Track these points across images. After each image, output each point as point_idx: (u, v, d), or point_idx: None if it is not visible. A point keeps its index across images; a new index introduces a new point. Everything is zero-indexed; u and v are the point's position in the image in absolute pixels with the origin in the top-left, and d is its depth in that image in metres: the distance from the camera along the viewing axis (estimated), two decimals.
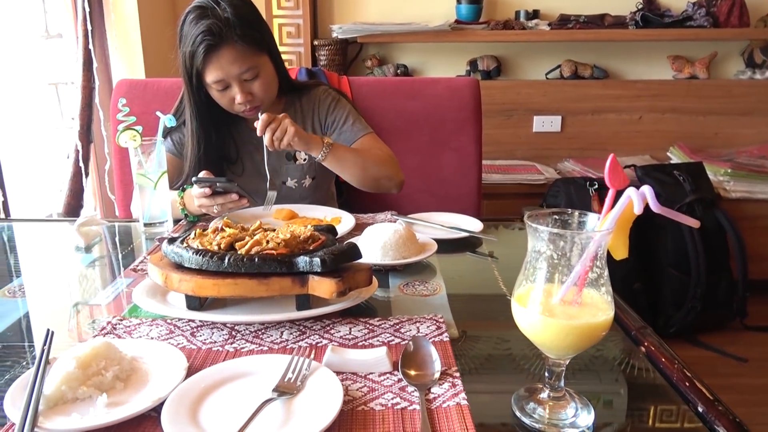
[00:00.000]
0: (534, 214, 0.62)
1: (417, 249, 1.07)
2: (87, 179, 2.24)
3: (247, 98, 1.35)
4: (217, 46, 1.29)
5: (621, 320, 0.86)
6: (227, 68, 1.31)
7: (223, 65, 1.30)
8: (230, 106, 1.38)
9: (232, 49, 1.29)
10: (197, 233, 0.89)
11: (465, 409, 0.64)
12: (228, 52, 1.29)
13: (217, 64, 1.30)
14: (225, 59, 1.30)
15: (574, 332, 0.59)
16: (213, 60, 1.30)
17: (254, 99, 1.37)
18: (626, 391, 0.72)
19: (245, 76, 1.33)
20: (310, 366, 0.70)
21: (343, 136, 1.48)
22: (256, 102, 1.38)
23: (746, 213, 2.54)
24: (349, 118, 1.50)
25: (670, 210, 0.56)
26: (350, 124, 1.50)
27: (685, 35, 2.73)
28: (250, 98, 1.36)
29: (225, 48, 1.29)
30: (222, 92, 1.36)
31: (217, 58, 1.30)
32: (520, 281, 0.63)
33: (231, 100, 1.36)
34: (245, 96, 1.35)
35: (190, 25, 1.30)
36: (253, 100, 1.37)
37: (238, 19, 1.29)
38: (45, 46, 2.26)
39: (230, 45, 1.29)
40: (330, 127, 1.51)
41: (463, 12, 2.77)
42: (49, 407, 0.63)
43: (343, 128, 1.49)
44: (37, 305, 0.95)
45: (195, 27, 1.29)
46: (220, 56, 1.30)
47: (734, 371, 2.21)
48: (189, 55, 1.31)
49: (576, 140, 2.95)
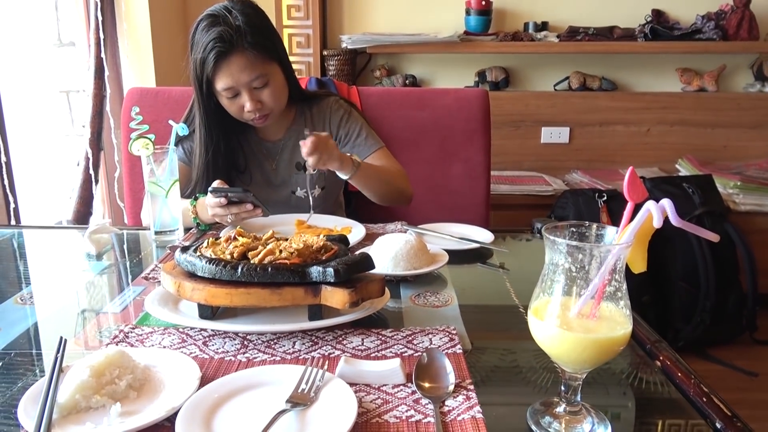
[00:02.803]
0: (551, 226, 0.62)
1: (428, 260, 1.07)
2: (96, 187, 2.25)
3: (256, 106, 1.35)
4: (227, 53, 1.29)
5: (636, 333, 0.85)
6: (237, 75, 1.31)
7: (233, 72, 1.31)
8: (239, 114, 1.39)
9: (242, 56, 1.30)
10: (210, 242, 0.89)
11: (480, 423, 0.63)
12: (238, 59, 1.30)
13: (227, 71, 1.31)
14: (235, 66, 1.31)
15: (591, 346, 0.58)
16: (223, 67, 1.31)
17: (264, 107, 1.37)
18: (641, 406, 0.71)
19: (255, 84, 1.34)
20: (324, 377, 0.70)
21: (355, 150, 1.49)
22: (265, 110, 1.38)
23: (756, 226, 2.53)
24: (362, 132, 1.51)
25: (691, 224, 0.56)
26: (363, 138, 1.50)
27: (694, 48, 2.73)
28: (260, 106, 1.36)
29: (235, 55, 1.30)
30: (231, 100, 1.36)
31: (228, 65, 1.30)
32: (536, 294, 0.63)
33: (240, 108, 1.37)
34: (254, 104, 1.35)
35: (201, 32, 1.31)
36: (262, 108, 1.37)
37: (249, 27, 1.30)
38: (57, 53, 2.28)
39: (240, 52, 1.30)
40: (342, 140, 1.51)
41: (471, 23, 2.78)
42: (62, 416, 0.63)
43: (356, 142, 1.50)
44: (48, 313, 0.95)
45: (206, 34, 1.30)
46: (230, 63, 1.30)
47: (744, 386, 2.19)
48: (200, 61, 1.32)
49: (584, 152, 2.94)
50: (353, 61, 2.85)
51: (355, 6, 2.89)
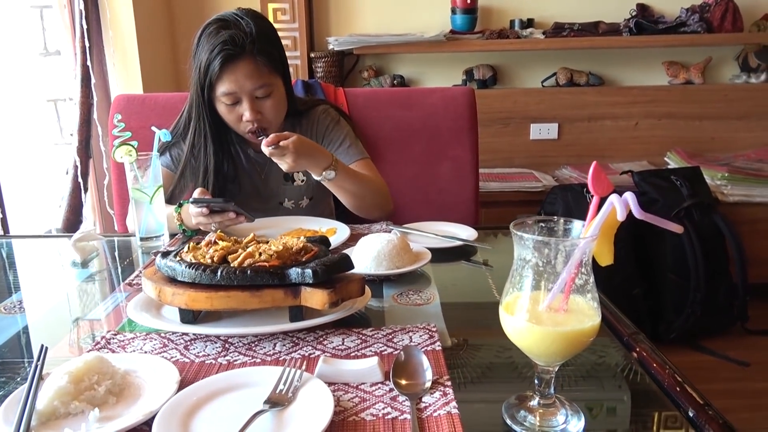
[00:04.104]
0: (520, 222, 0.63)
1: (411, 258, 1.07)
2: (86, 194, 2.25)
3: (255, 116, 1.33)
4: (236, 57, 1.28)
5: (614, 326, 0.87)
6: (242, 81, 1.30)
7: (239, 77, 1.30)
8: (236, 123, 1.37)
9: (250, 62, 1.29)
10: (191, 247, 0.90)
11: (455, 418, 0.64)
12: (246, 65, 1.29)
13: (232, 76, 1.30)
14: (241, 72, 1.29)
15: (560, 339, 0.59)
16: (229, 71, 1.29)
17: (262, 119, 1.35)
18: (618, 397, 0.72)
19: (258, 93, 1.33)
20: (302, 377, 0.70)
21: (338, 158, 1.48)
22: (263, 122, 1.36)
23: (744, 217, 2.54)
24: (346, 140, 1.49)
25: (654, 216, 0.57)
26: (346, 147, 1.48)
27: (680, 41, 2.75)
28: (259, 117, 1.34)
29: (243, 60, 1.29)
30: (230, 107, 1.34)
31: (234, 69, 1.29)
32: (507, 289, 0.64)
33: (238, 117, 1.35)
34: (254, 114, 1.33)
35: (209, 35, 1.30)
36: (261, 120, 1.35)
37: (260, 35, 1.30)
38: (44, 63, 2.28)
39: (249, 58, 1.29)
40: (326, 148, 1.49)
41: (458, 22, 2.79)
42: (41, 422, 0.63)
43: (338, 150, 1.47)
44: (31, 321, 0.95)
45: (215, 37, 1.29)
46: (236, 68, 1.29)
47: (736, 375, 2.20)
48: (205, 64, 1.30)
49: (573, 147, 2.95)
50: (341, 63, 2.85)
51: (342, 8, 2.90)
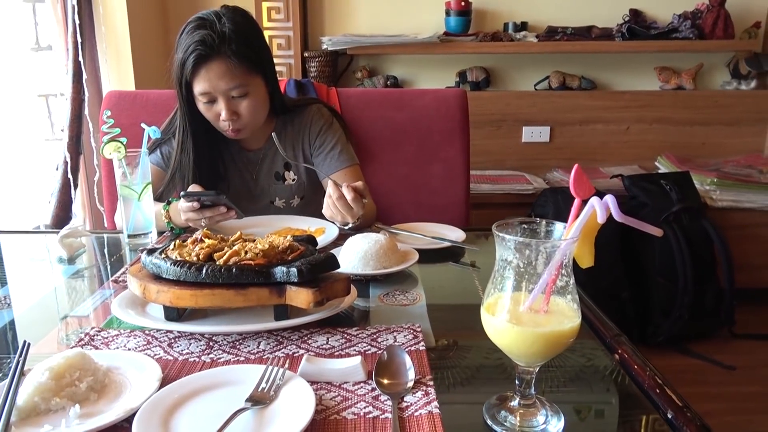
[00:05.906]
0: (503, 223, 0.63)
1: (398, 259, 1.08)
2: (76, 191, 2.24)
3: (231, 116, 1.34)
4: (207, 57, 1.28)
5: (596, 328, 0.87)
6: (215, 82, 1.30)
7: (211, 78, 1.30)
8: (215, 121, 1.37)
9: (222, 63, 1.29)
10: (176, 244, 0.90)
11: (436, 418, 0.64)
12: (218, 65, 1.29)
13: (205, 76, 1.30)
14: (213, 72, 1.30)
15: (540, 340, 0.59)
16: (202, 71, 1.30)
17: (239, 119, 1.35)
18: (601, 399, 0.73)
19: (233, 93, 1.32)
20: (285, 376, 0.70)
21: (327, 161, 1.47)
22: (240, 123, 1.36)
23: (733, 222, 2.56)
24: (338, 145, 1.48)
25: (634, 219, 0.57)
26: (337, 152, 1.48)
27: (671, 47, 2.77)
28: (235, 117, 1.35)
29: (215, 61, 1.29)
30: (208, 105, 1.35)
31: (206, 69, 1.30)
32: (489, 290, 0.64)
33: (216, 115, 1.35)
34: (230, 114, 1.33)
35: (187, 33, 1.30)
36: (237, 120, 1.35)
37: (236, 35, 1.29)
38: (35, 58, 2.27)
39: (221, 59, 1.29)
40: (317, 150, 1.49)
41: (452, 24, 2.80)
42: (21, 419, 0.63)
43: (329, 154, 1.47)
44: (19, 316, 0.95)
45: (191, 36, 1.29)
46: (209, 68, 1.29)
47: (723, 379, 2.22)
48: (180, 62, 1.31)
49: (564, 150, 2.97)
50: (334, 63, 2.85)
51: (336, 7, 2.90)
